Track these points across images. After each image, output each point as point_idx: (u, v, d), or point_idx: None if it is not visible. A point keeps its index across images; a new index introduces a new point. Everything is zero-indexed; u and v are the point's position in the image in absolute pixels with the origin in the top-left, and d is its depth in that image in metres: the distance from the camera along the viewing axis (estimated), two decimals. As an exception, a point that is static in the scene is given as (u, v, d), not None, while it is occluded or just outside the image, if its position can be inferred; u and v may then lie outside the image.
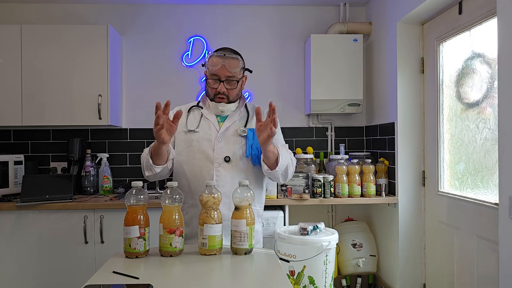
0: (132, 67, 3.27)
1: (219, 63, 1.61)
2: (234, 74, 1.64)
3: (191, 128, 1.71)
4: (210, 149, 1.67)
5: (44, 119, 2.89)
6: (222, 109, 1.68)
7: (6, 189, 2.82)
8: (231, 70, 1.62)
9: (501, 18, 1.66)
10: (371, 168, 2.85)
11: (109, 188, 3.02)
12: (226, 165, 1.66)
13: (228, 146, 1.68)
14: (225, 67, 1.61)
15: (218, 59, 1.62)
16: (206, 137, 1.69)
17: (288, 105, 3.33)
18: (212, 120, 1.72)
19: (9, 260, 2.61)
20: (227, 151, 1.67)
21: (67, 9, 3.22)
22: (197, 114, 1.75)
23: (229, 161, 1.66)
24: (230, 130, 1.70)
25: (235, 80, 1.66)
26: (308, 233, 2.47)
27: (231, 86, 1.65)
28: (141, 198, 1.39)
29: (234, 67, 1.63)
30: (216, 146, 1.67)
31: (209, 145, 1.67)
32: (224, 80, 1.64)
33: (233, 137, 1.69)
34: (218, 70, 1.62)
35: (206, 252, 1.38)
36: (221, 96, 1.66)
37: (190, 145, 1.69)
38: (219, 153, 1.67)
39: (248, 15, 3.31)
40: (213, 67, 1.62)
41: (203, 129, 1.71)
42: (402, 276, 2.72)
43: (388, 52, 2.86)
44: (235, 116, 1.73)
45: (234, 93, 1.68)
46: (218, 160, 1.66)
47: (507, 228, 1.62)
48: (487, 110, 2.09)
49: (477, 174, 2.17)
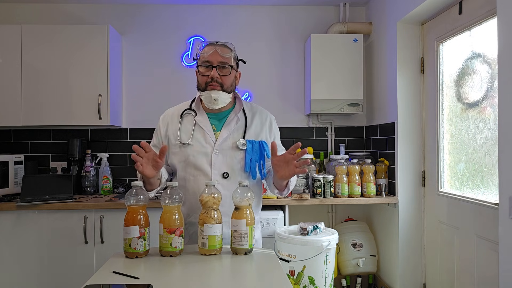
0: (132, 67, 3.27)
1: (212, 49, 1.56)
2: (227, 60, 1.57)
3: (185, 141, 1.61)
4: (207, 165, 1.59)
5: (44, 119, 2.89)
6: (215, 97, 1.56)
7: (6, 189, 2.82)
8: (224, 55, 1.56)
9: (501, 18, 1.66)
10: (371, 168, 2.85)
11: (109, 188, 3.02)
12: (224, 182, 1.59)
13: (226, 160, 1.60)
14: (217, 52, 1.56)
15: (210, 47, 1.58)
16: (202, 151, 1.60)
17: (288, 105, 3.33)
18: (207, 129, 1.62)
19: (9, 260, 2.61)
20: (225, 166, 1.60)
21: (67, 9, 3.22)
22: (191, 121, 1.65)
23: (227, 178, 1.59)
24: (228, 142, 1.61)
25: (228, 66, 1.58)
26: (308, 233, 2.47)
27: (224, 73, 1.57)
28: (141, 198, 1.39)
29: (227, 52, 1.57)
30: (213, 160, 1.59)
31: (206, 160, 1.59)
32: (216, 65, 1.56)
33: (231, 151, 1.60)
34: (210, 56, 1.56)
35: (206, 252, 1.38)
36: (214, 84, 1.56)
37: (186, 160, 1.61)
38: (218, 168, 1.59)
39: (248, 15, 3.31)
40: (205, 53, 1.57)
41: (198, 140, 1.61)
42: (402, 276, 2.72)
43: (388, 52, 2.86)
44: (232, 124, 1.64)
45: (228, 82, 1.59)
46: (216, 177, 1.58)
47: (507, 228, 1.62)
48: (487, 110, 2.09)
49: (477, 174, 2.17)
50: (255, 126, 1.67)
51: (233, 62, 1.60)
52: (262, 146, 1.64)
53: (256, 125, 1.67)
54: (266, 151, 1.64)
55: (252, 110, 1.71)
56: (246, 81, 3.24)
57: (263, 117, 1.71)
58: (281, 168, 1.49)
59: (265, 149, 1.64)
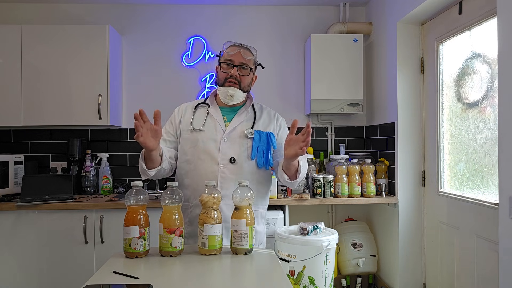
0: (132, 67, 3.27)
1: (236, 50, 1.68)
2: (248, 62, 1.69)
3: (197, 127, 1.72)
4: (216, 150, 1.68)
5: (44, 119, 2.89)
6: (231, 93, 1.68)
7: (6, 189, 2.82)
8: (246, 57, 1.68)
9: (501, 18, 1.66)
10: (371, 168, 2.85)
11: (109, 188, 3.02)
12: (231, 167, 1.67)
13: (233, 147, 1.69)
14: (240, 54, 1.68)
15: (235, 47, 1.69)
16: (212, 137, 1.70)
17: (288, 105, 3.33)
18: (218, 119, 1.73)
19: (9, 260, 2.61)
20: (232, 152, 1.69)
21: (67, 9, 3.22)
22: (204, 112, 1.76)
23: (234, 163, 1.68)
24: (237, 130, 1.71)
25: (248, 67, 1.70)
26: (308, 233, 2.47)
27: (244, 73, 1.69)
28: (141, 198, 1.39)
29: (249, 55, 1.70)
30: (221, 146, 1.68)
31: (214, 146, 1.69)
32: (237, 65, 1.68)
33: (239, 139, 1.70)
34: (234, 56, 1.67)
35: (206, 252, 1.38)
36: (232, 81, 1.68)
37: (195, 145, 1.70)
38: (225, 153, 1.68)
39: (248, 15, 3.31)
40: (230, 52, 1.68)
41: (209, 128, 1.72)
42: (402, 276, 2.72)
43: (388, 52, 2.86)
44: (242, 116, 1.75)
45: (246, 82, 1.71)
46: (223, 161, 1.67)
47: (507, 228, 1.62)
48: (487, 110, 2.09)
49: (477, 174, 2.17)
50: (263, 120, 1.78)
51: (252, 65, 1.73)
52: (269, 137, 1.73)
53: (264, 120, 1.79)
54: (272, 142, 1.74)
55: (261, 108, 1.84)
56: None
57: (271, 114, 1.84)
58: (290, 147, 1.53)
59: (272, 140, 1.74)
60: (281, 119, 1.85)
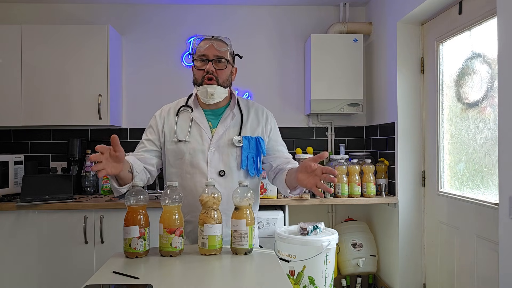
0: (132, 67, 3.27)
1: (208, 43, 1.56)
2: (223, 54, 1.56)
3: (181, 138, 1.60)
4: (204, 162, 1.58)
5: (44, 119, 2.89)
6: (211, 91, 1.55)
7: (6, 189, 2.82)
8: (220, 49, 1.56)
9: (501, 18, 1.66)
10: (371, 168, 2.85)
11: (109, 188, 3.02)
12: (220, 180, 1.58)
13: (222, 157, 1.59)
14: (213, 46, 1.55)
15: (206, 41, 1.57)
16: (199, 148, 1.59)
17: (288, 105, 3.33)
18: (203, 126, 1.61)
19: (9, 260, 2.61)
20: (221, 163, 1.59)
21: (67, 9, 3.22)
22: (187, 118, 1.64)
23: (223, 176, 1.59)
24: (224, 138, 1.61)
25: (224, 60, 1.57)
26: (308, 233, 2.47)
27: (220, 67, 1.56)
28: (141, 198, 1.39)
29: (222, 46, 1.57)
30: (209, 158, 1.59)
31: (202, 157, 1.59)
32: (212, 59, 1.55)
33: (227, 148, 1.60)
34: (207, 50, 1.55)
35: (206, 252, 1.38)
36: (209, 77, 1.55)
37: (182, 157, 1.60)
38: (214, 166, 1.59)
39: (248, 15, 3.31)
40: (201, 47, 1.56)
41: (195, 138, 1.60)
42: (402, 276, 2.72)
43: (388, 52, 2.86)
44: (228, 120, 1.63)
45: (224, 76, 1.58)
46: (212, 175, 1.58)
47: (507, 228, 1.62)
48: (487, 110, 2.09)
49: (477, 174, 2.17)
50: (251, 122, 1.66)
51: (229, 57, 1.59)
52: (258, 142, 1.63)
53: (252, 121, 1.66)
54: (262, 147, 1.63)
55: (248, 106, 1.70)
56: (246, 81, 3.25)
57: (259, 112, 1.70)
58: (304, 175, 1.42)
59: (261, 145, 1.63)
60: (270, 117, 1.72)
